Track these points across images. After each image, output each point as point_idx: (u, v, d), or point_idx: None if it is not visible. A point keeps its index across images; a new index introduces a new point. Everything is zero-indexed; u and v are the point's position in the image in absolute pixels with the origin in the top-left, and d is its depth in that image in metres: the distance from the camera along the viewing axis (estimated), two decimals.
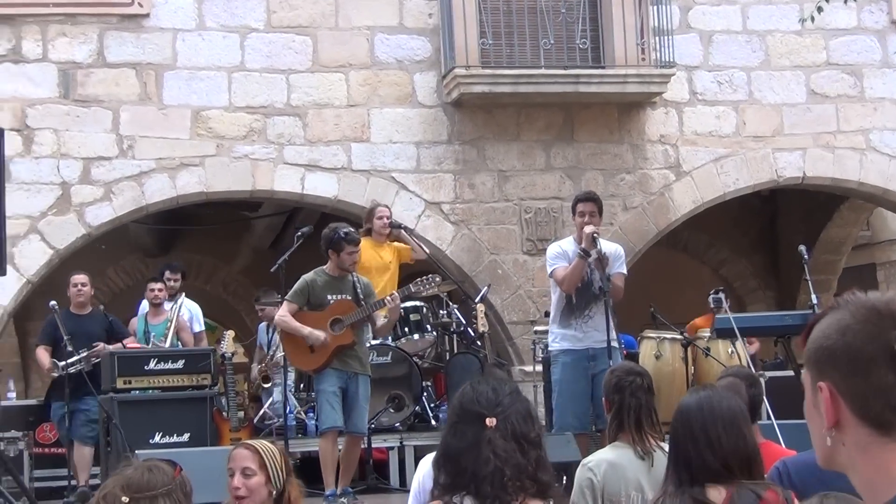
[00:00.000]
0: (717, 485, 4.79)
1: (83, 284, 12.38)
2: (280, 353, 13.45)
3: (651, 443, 6.44)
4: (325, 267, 10.18)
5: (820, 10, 12.18)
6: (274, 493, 5.45)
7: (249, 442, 5.71)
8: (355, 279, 10.24)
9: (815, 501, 3.42)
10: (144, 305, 13.62)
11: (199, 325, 13.80)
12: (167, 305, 13.47)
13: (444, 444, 4.45)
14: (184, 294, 13.88)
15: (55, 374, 11.93)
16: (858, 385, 2.34)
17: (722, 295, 12.48)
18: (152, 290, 13.43)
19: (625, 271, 10.78)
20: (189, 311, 13.59)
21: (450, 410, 4.74)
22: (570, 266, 10.60)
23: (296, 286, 10.24)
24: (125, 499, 4.71)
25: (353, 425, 10.10)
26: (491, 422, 4.22)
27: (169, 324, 13.02)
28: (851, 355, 2.34)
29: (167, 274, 14.03)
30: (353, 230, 10.25)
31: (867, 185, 16.99)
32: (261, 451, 5.47)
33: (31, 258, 14.63)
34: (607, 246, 10.73)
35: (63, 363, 11.68)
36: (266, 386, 13.44)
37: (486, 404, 4.30)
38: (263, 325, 14.59)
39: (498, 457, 4.14)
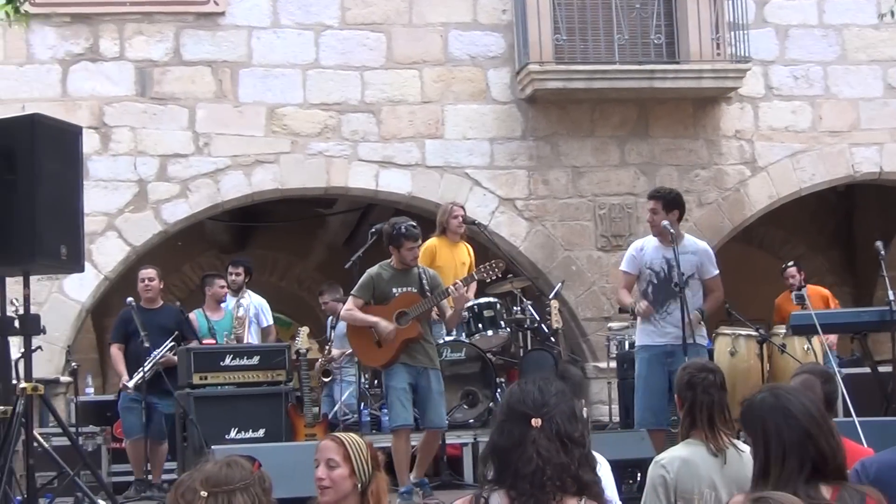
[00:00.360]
0: (825, 484, 4.76)
1: (150, 279, 12.41)
2: (337, 350, 13.56)
3: (724, 440, 6.41)
4: (389, 261, 10.16)
5: None
6: (359, 486, 5.44)
7: (336, 434, 5.68)
8: (421, 271, 10.20)
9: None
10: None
11: (266, 319, 13.81)
12: (231, 301, 13.57)
13: (492, 442, 4.52)
14: (248, 290, 13.88)
15: (128, 389, 11.98)
16: None
17: (804, 293, 12.38)
18: (220, 285, 13.41)
19: (717, 271, 10.69)
20: (255, 307, 13.60)
21: (498, 409, 4.75)
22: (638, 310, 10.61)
23: (361, 281, 10.20)
24: (203, 493, 4.75)
25: (430, 421, 10.06)
26: (536, 422, 4.31)
27: (235, 320, 13.07)
28: None
29: (230, 269, 14.01)
30: (413, 225, 10.14)
31: None
32: (346, 443, 5.45)
33: (108, 255, 14.78)
34: (698, 245, 10.69)
35: (132, 381, 11.73)
36: (326, 380, 13.38)
37: (533, 405, 4.38)
38: (330, 319, 14.60)
39: (541, 456, 4.23)
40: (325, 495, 5.34)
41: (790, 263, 14.48)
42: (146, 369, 11.64)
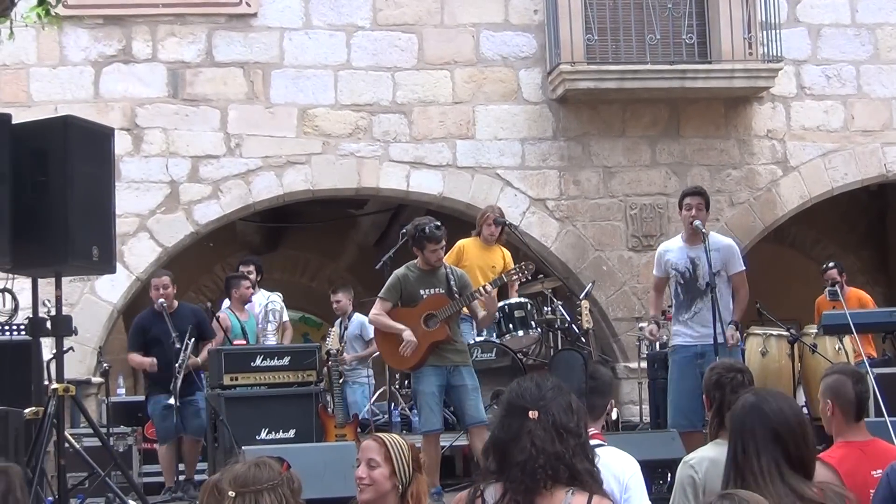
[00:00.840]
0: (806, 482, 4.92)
1: (165, 287, 12.31)
2: (349, 354, 13.67)
3: None
4: (416, 261, 10.13)
5: None
6: (399, 486, 5.44)
7: (379, 434, 5.66)
8: (448, 271, 10.11)
9: (715, 500, 3.50)
10: (227, 301, 13.64)
11: (284, 316, 13.86)
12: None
13: (493, 436, 4.73)
14: (261, 289, 13.90)
15: (155, 369, 11.98)
16: None
17: (838, 288, 12.36)
18: (246, 286, 13.42)
19: (743, 267, 10.66)
20: (268, 305, 13.58)
21: (499, 406, 5.04)
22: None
23: (388, 283, 10.15)
24: (231, 493, 4.79)
25: (469, 417, 9.95)
26: (533, 414, 4.50)
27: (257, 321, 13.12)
28: None
29: (240, 268, 14.02)
30: (437, 226, 10.05)
31: None
32: (388, 443, 5.45)
33: (140, 256, 14.85)
34: (723, 243, 10.68)
35: (171, 399, 11.72)
36: (339, 382, 13.31)
37: (530, 398, 4.56)
38: (339, 319, 14.62)
39: (535, 446, 4.43)
40: (365, 493, 5.35)
41: (830, 265, 14.37)
42: (179, 376, 11.68)
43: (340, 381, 13.00)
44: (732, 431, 5.20)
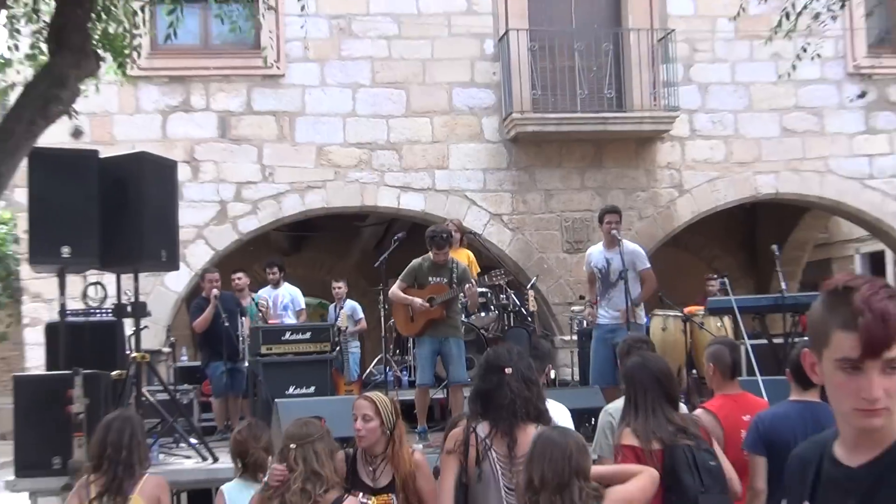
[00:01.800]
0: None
1: (217, 280, 12.32)
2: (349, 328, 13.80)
3: None
4: (429, 254, 10.12)
5: (794, 67, 12.06)
6: (387, 431, 5.52)
7: (368, 394, 5.71)
8: (454, 265, 10.04)
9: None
10: (261, 292, 13.45)
11: (299, 305, 13.55)
12: (268, 292, 13.42)
13: (476, 388, 5.14)
14: (285, 283, 13.71)
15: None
16: None
17: (726, 280, 12.44)
18: (232, 279, 13.07)
19: (648, 265, 10.72)
20: (290, 295, 13.49)
21: (479, 365, 5.41)
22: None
23: (406, 269, 10.04)
24: (293, 446, 4.92)
25: (452, 377, 9.82)
26: (508, 370, 4.86)
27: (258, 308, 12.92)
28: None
29: (266, 269, 13.79)
30: (443, 238, 9.99)
31: (826, 199, 16.87)
32: (376, 401, 5.52)
33: (197, 257, 14.87)
34: (633, 248, 10.73)
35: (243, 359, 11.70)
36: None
37: (505, 359, 4.95)
38: (335, 303, 14.56)
39: (513, 392, 4.80)
40: (364, 441, 5.43)
41: (714, 276, 14.35)
42: (242, 345, 11.68)
43: (338, 350, 12.99)
44: (627, 381, 5.57)
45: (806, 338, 4.71)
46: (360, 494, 5.33)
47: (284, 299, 13.28)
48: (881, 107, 16.86)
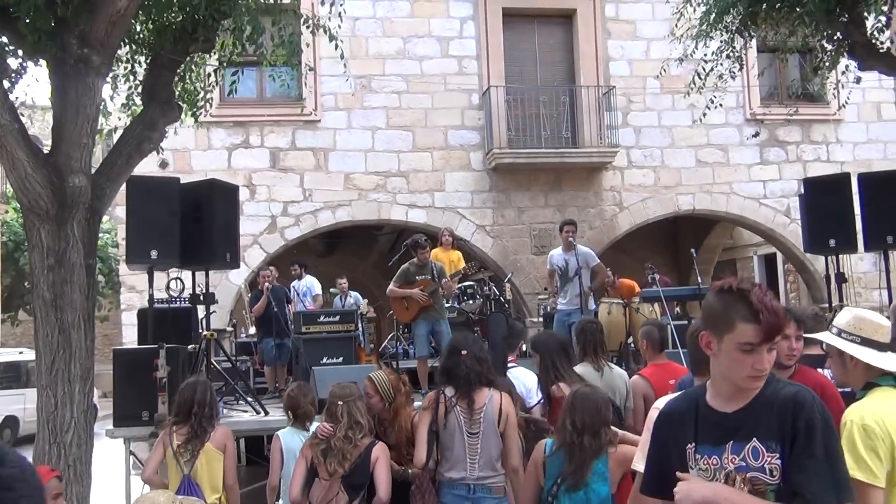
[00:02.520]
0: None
1: (268, 276, 12.28)
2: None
3: (602, 362, 6.46)
4: (414, 260, 10.12)
5: (705, 114, 12.08)
6: (387, 403, 5.51)
7: (371, 375, 5.73)
8: (433, 265, 10.13)
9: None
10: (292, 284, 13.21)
11: (315, 291, 13.28)
12: (294, 283, 13.17)
13: (442, 365, 5.40)
14: (306, 275, 13.43)
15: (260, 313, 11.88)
16: None
17: (656, 275, 12.42)
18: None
19: (598, 261, 10.70)
20: (307, 286, 13.25)
21: (444, 350, 5.69)
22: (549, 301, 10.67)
23: (398, 272, 10.11)
24: (340, 403, 4.95)
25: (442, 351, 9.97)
26: (464, 352, 5.12)
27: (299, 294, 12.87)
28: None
29: (291, 266, 13.59)
30: (424, 240, 10.14)
31: (731, 214, 16.88)
32: (375, 381, 5.58)
33: (253, 258, 14.85)
34: (585, 250, 10.73)
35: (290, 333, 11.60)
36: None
37: (462, 343, 5.23)
38: (339, 296, 14.39)
39: (468, 368, 5.07)
40: (370, 412, 5.46)
41: (650, 265, 14.33)
42: (288, 327, 11.62)
43: None
44: (539, 348, 5.95)
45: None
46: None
47: (304, 289, 13.17)
48: (771, 144, 16.89)
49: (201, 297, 9.14)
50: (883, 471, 2.93)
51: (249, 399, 9.22)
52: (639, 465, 3.27)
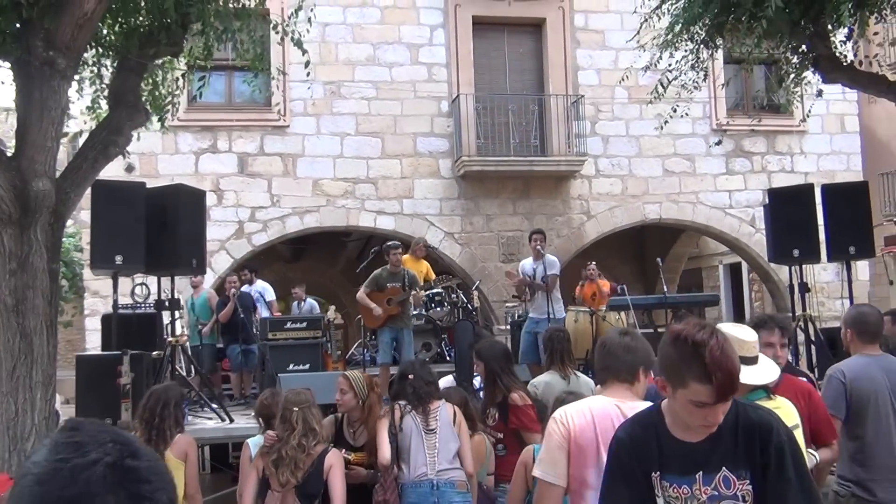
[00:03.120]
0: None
1: (234, 282, 12.24)
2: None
3: (569, 370, 6.50)
4: (387, 266, 10.13)
5: (667, 122, 12.05)
6: (360, 401, 5.53)
7: (346, 373, 5.85)
8: (405, 273, 10.13)
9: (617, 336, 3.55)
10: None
11: (270, 296, 12.93)
12: (246, 289, 12.75)
13: (395, 385, 5.79)
14: (258, 280, 13.17)
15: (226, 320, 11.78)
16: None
17: (625, 286, 12.50)
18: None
19: (557, 272, 10.73)
20: (259, 291, 12.87)
21: (396, 375, 6.04)
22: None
23: (370, 277, 10.14)
24: (296, 409, 4.91)
25: (404, 358, 9.91)
26: (411, 376, 5.42)
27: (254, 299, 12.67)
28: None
29: (240, 273, 13.25)
30: (396, 244, 10.25)
31: (697, 223, 17.01)
32: (350, 379, 5.62)
33: (220, 263, 14.73)
34: (550, 259, 10.76)
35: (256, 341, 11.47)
36: None
37: (410, 369, 5.52)
38: (296, 302, 14.24)
39: (415, 390, 5.38)
40: (342, 408, 5.57)
41: (591, 264, 14.33)
42: (254, 331, 11.54)
43: None
44: (484, 356, 5.98)
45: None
46: (343, 450, 5.34)
47: (255, 294, 12.78)
48: (737, 154, 17.06)
49: (166, 303, 9.08)
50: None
51: (214, 406, 9.15)
52: (538, 471, 3.23)
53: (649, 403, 3.06)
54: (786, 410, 3.56)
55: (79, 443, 1.24)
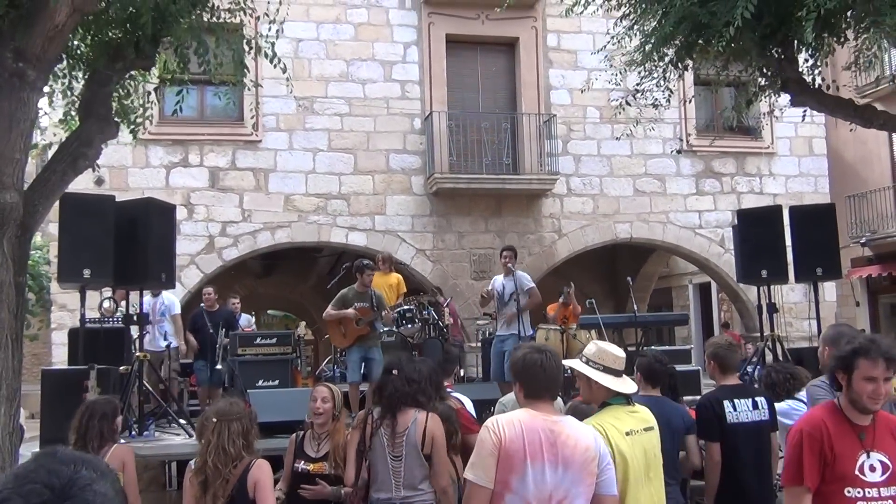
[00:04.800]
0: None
1: (209, 294, 12.17)
2: None
3: None
4: (354, 285, 10.09)
5: (630, 133, 11.87)
6: (336, 413, 5.61)
7: (327, 384, 6.00)
8: (373, 293, 10.05)
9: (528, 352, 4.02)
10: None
11: (175, 311, 11.94)
12: (149, 301, 11.43)
13: (376, 383, 5.61)
14: (162, 292, 11.88)
15: (196, 348, 11.70)
16: None
17: (593, 301, 12.54)
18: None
19: (533, 285, 10.74)
20: (162, 303, 11.69)
21: (383, 366, 5.78)
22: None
23: (336, 297, 10.05)
24: (214, 419, 4.70)
25: (373, 377, 9.92)
26: (395, 371, 5.21)
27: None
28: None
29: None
30: (369, 264, 10.14)
31: (667, 242, 17.14)
32: (332, 389, 5.71)
33: (190, 278, 14.66)
34: (521, 274, 10.78)
35: (219, 363, 11.24)
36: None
37: (394, 364, 5.32)
38: (243, 316, 13.96)
39: (395, 388, 5.14)
40: (320, 419, 5.60)
41: (571, 288, 14.41)
42: (219, 347, 11.42)
43: None
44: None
45: (709, 352, 5.68)
46: (301, 461, 5.54)
47: (161, 307, 11.84)
48: (707, 175, 17.24)
49: (134, 318, 9.01)
50: None
51: (182, 422, 9.07)
52: (469, 474, 3.54)
53: (570, 418, 3.73)
54: (643, 415, 4.21)
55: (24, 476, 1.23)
